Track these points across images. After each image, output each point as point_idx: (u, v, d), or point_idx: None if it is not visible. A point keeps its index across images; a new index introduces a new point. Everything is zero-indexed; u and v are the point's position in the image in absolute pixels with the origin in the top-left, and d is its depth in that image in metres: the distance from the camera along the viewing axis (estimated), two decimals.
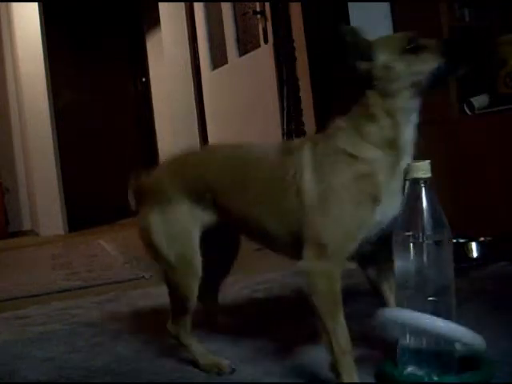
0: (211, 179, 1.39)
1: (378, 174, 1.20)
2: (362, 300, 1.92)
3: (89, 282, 2.85)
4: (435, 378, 1.14)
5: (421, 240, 1.16)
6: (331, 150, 1.24)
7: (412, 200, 1.18)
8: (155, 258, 1.44)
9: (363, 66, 1.22)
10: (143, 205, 1.50)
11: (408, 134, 1.22)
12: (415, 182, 1.17)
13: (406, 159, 1.22)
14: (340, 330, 1.20)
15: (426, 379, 1.14)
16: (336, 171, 1.22)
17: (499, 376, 1.17)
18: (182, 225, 1.40)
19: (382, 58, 1.21)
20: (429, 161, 1.18)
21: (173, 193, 1.42)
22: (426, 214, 1.16)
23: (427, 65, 1.21)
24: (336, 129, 1.27)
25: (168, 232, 1.41)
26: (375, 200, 1.19)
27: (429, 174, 1.17)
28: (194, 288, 1.40)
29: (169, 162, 1.52)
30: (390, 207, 1.21)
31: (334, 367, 1.19)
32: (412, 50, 1.21)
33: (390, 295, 1.34)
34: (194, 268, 1.39)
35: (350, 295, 1.99)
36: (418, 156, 1.23)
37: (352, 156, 1.22)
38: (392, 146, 1.21)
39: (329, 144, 1.25)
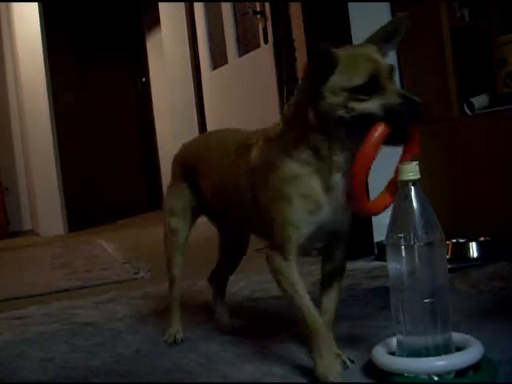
0: (195, 160, 1.62)
1: (313, 176, 1.25)
2: (362, 300, 1.92)
3: (89, 282, 2.85)
4: (435, 378, 1.14)
5: (412, 242, 1.16)
6: (275, 148, 1.30)
7: (402, 202, 1.18)
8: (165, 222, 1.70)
9: (318, 82, 1.19)
10: (170, 180, 1.74)
11: (341, 155, 1.23)
12: (405, 184, 1.17)
13: (339, 175, 1.25)
14: (304, 313, 1.26)
15: (426, 379, 1.14)
16: (275, 170, 1.29)
17: (499, 376, 1.17)
18: (178, 200, 1.67)
19: (335, 81, 1.18)
20: (417, 162, 1.18)
21: (178, 172, 1.69)
22: (416, 215, 1.16)
23: (372, 110, 1.16)
24: (284, 124, 1.31)
25: (170, 203, 1.69)
26: (312, 200, 1.25)
27: (418, 176, 1.17)
28: (174, 256, 1.67)
29: (184, 145, 1.76)
30: (328, 213, 1.27)
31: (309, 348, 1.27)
32: (368, 89, 1.16)
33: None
34: (176, 238, 1.66)
35: (350, 295, 2.00)
36: (416, 156, 1.23)
37: (291, 156, 1.27)
38: (325, 158, 1.24)
39: (275, 142, 1.31)
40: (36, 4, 5.53)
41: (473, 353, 1.17)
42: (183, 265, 1.69)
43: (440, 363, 1.14)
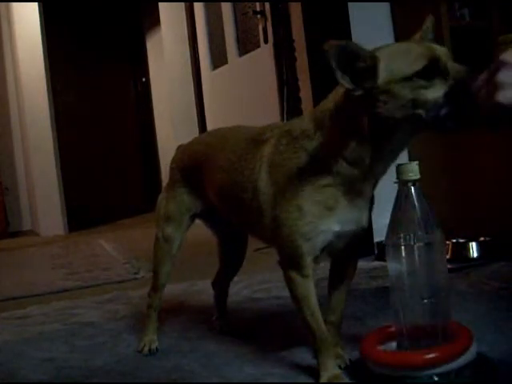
0: (198, 161, 1.52)
1: (338, 186, 1.16)
2: (362, 300, 1.92)
3: (89, 282, 2.85)
4: (435, 378, 1.14)
5: (412, 242, 1.16)
6: (298, 151, 1.19)
7: (402, 202, 1.17)
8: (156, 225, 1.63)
9: (367, 84, 1.06)
10: (167, 183, 1.66)
11: (389, 162, 1.16)
12: (404, 184, 1.17)
13: (373, 181, 1.19)
14: (312, 322, 1.25)
15: (426, 379, 1.14)
16: (294, 176, 1.18)
17: (499, 376, 1.17)
18: (177, 208, 1.58)
19: (385, 76, 1.05)
20: (417, 162, 1.18)
21: (177, 176, 1.60)
22: (416, 215, 1.16)
23: (436, 94, 1.04)
24: (313, 127, 1.19)
25: (165, 209, 1.60)
26: (330, 211, 1.17)
27: (418, 176, 1.16)
28: (164, 265, 1.61)
29: (181, 147, 1.68)
30: (351, 219, 1.20)
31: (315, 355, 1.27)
32: (427, 74, 1.04)
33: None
34: (169, 247, 1.59)
35: (350, 295, 2.00)
36: (416, 156, 1.22)
37: (319, 165, 1.16)
38: (361, 166, 1.15)
39: (298, 143, 1.20)
40: (36, 4, 5.52)
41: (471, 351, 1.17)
42: (170, 274, 1.64)
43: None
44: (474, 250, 2.35)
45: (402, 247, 1.17)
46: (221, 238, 1.72)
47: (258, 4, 3.93)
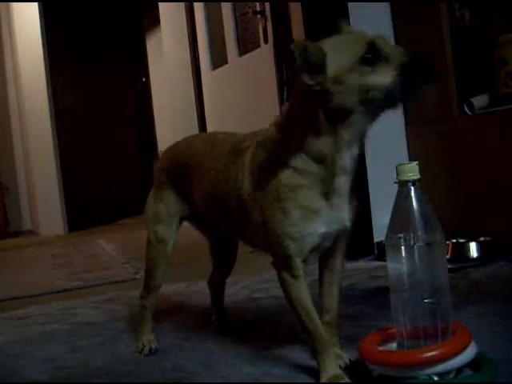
0: (183, 166, 1.53)
1: (314, 186, 1.20)
2: (362, 300, 1.92)
3: (89, 282, 2.85)
4: (435, 378, 1.14)
5: (412, 242, 1.16)
6: (269, 157, 1.24)
7: (402, 202, 1.17)
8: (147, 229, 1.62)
9: (317, 79, 1.11)
10: (152, 186, 1.66)
11: (348, 156, 1.19)
12: (404, 184, 1.17)
13: (343, 178, 1.21)
14: (310, 323, 1.26)
15: (426, 379, 1.14)
16: (272, 181, 1.22)
17: (499, 376, 1.17)
18: (164, 208, 1.58)
19: (333, 68, 1.11)
20: (417, 162, 1.18)
21: (163, 179, 1.59)
22: (416, 215, 1.16)
23: (383, 79, 1.10)
24: (277, 132, 1.25)
25: (154, 211, 1.60)
26: (313, 213, 1.20)
27: (418, 176, 1.16)
28: (159, 266, 1.60)
29: (168, 149, 1.67)
30: (333, 219, 1.23)
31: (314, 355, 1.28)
32: (369, 60, 1.10)
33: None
34: (163, 248, 1.58)
35: (350, 295, 2.00)
36: (416, 156, 1.23)
37: (289, 166, 1.21)
38: (328, 163, 1.19)
39: (269, 150, 1.25)
40: (36, 4, 5.53)
41: (470, 350, 1.17)
42: (166, 274, 1.63)
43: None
44: (473, 250, 2.35)
45: (402, 247, 1.17)
46: (211, 240, 1.73)
47: (257, 4, 3.94)
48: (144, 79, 7.26)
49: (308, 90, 1.13)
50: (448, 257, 2.24)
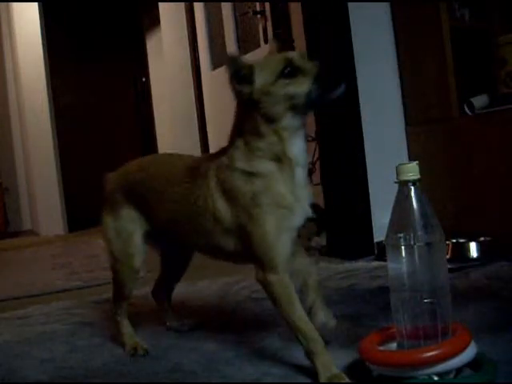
0: (142, 188, 1.58)
1: (277, 185, 1.32)
2: (362, 300, 1.92)
3: (89, 282, 2.85)
4: (435, 378, 1.14)
5: (412, 242, 1.16)
6: (232, 172, 1.36)
7: (402, 202, 1.17)
8: (107, 249, 1.69)
9: (245, 89, 1.31)
10: (103, 207, 1.73)
11: (296, 147, 1.32)
12: (404, 184, 1.17)
13: (300, 170, 1.34)
14: (302, 325, 1.30)
15: (426, 379, 1.14)
16: (240, 192, 1.34)
17: (499, 376, 1.17)
18: (125, 225, 1.62)
19: (259, 82, 1.30)
20: (417, 162, 1.18)
21: (119, 198, 1.64)
22: (416, 215, 1.16)
23: (301, 88, 1.28)
24: (233, 148, 1.37)
25: (115, 229, 1.65)
26: (284, 208, 1.31)
27: (418, 176, 1.17)
28: (131, 278, 1.63)
29: (118, 171, 1.72)
30: (300, 213, 1.34)
31: (309, 356, 1.30)
32: (288, 73, 1.29)
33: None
34: (132, 261, 1.61)
35: (350, 295, 2.00)
36: (416, 156, 1.23)
37: (250, 173, 1.33)
38: (282, 159, 1.32)
39: (229, 166, 1.37)
40: (36, 4, 5.53)
41: (470, 350, 1.17)
42: (136, 285, 1.67)
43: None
44: (474, 250, 2.35)
45: (402, 247, 1.17)
46: (164, 253, 1.78)
47: (257, 4, 3.94)
48: (144, 79, 7.25)
49: (244, 100, 1.32)
50: (448, 257, 2.24)
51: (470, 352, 1.16)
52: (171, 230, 1.55)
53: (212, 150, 1.59)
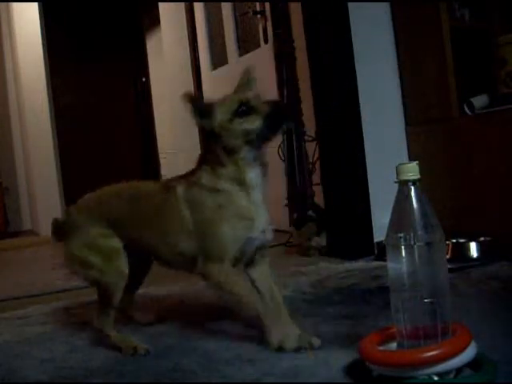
0: (113, 216, 1.70)
1: (238, 199, 1.52)
2: (362, 300, 1.92)
3: None
4: (435, 378, 1.14)
5: (412, 242, 1.16)
6: (199, 188, 1.56)
7: (402, 202, 1.17)
8: (83, 271, 1.71)
9: (207, 124, 1.52)
10: (65, 238, 1.74)
11: (253, 174, 1.53)
12: (404, 184, 1.17)
13: (256, 192, 1.53)
14: (257, 306, 1.51)
15: (426, 379, 1.14)
16: (205, 205, 1.54)
17: (499, 376, 1.17)
18: (102, 240, 1.68)
19: (219, 118, 1.50)
20: (417, 162, 1.18)
21: (88, 220, 1.72)
22: (416, 215, 1.16)
23: (253, 125, 1.48)
24: (200, 170, 1.57)
25: (91, 245, 1.68)
26: (245, 220, 1.51)
27: (418, 176, 1.17)
28: (119, 285, 1.66)
29: (79, 204, 1.82)
30: (258, 228, 1.53)
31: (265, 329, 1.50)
32: (242, 112, 1.48)
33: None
34: (120, 270, 1.66)
35: (350, 295, 2.00)
36: (416, 156, 1.23)
37: (213, 189, 1.53)
38: (241, 183, 1.52)
39: (196, 182, 1.57)
40: (36, 4, 5.52)
41: (470, 350, 1.17)
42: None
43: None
44: (474, 250, 2.35)
45: (402, 247, 1.17)
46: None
47: (257, 4, 3.94)
48: (144, 79, 7.25)
49: (208, 132, 1.52)
50: (448, 257, 2.24)
51: (470, 352, 1.16)
52: (139, 243, 1.67)
53: None
